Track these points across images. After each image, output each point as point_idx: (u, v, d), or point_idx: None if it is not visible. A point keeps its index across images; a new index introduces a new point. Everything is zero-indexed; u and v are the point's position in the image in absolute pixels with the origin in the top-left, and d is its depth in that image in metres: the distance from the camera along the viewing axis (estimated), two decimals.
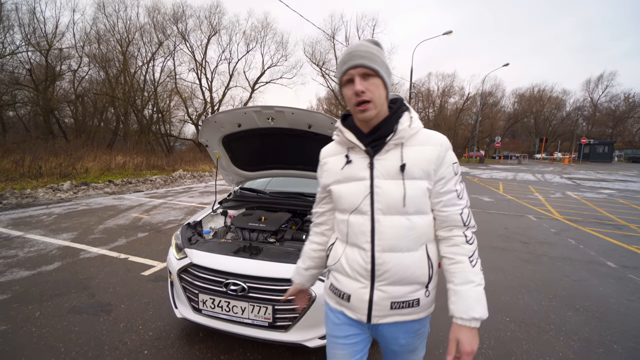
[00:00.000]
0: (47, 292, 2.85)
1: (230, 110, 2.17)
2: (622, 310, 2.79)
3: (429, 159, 0.93)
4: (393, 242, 0.94)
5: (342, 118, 1.06)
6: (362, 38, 31.43)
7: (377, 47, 0.92)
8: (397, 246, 0.94)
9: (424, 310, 1.00)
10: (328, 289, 1.12)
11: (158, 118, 23.65)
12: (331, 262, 1.09)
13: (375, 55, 0.89)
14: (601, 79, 44.99)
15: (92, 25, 20.82)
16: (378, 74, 0.89)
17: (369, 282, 0.97)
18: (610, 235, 5.25)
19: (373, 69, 0.88)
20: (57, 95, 19.58)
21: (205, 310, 1.87)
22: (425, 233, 0.96)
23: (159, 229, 5.05)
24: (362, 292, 0.99)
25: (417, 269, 0.95)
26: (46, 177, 9.70)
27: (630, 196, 9.89)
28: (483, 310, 0.89)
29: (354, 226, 0.98)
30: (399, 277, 0.95)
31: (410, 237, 0.95)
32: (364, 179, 0.96)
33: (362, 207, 0.96)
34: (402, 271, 0.95)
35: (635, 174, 18.52)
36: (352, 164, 0.99)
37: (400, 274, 0.95)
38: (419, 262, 0.96)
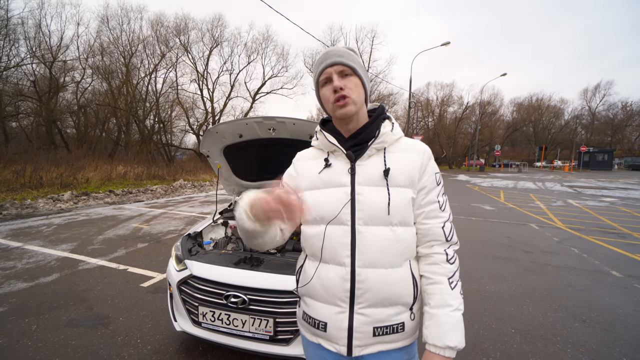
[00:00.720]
0: (45, 304, 2.81)
1: (232, 121, 2.18)
2: (629, 321, 2.73)
3: (412, 165, 0.88)
4: (375, 256, 0.85)
5: (321, 122, 0.99)
6: (361, 49, 32.00)
7: (352, 52, 0.90)
8: (379, 261, 0.85)
9: (410, 336, 0.90)
10: (301, 319, 0.99)
11: (159, 128, 23.83)
12: (301, 285, 0.96)
13: (352, 55, 0.89)
14: (598, 88, 45.52)
15: (96, 37, 21.24)
16: (356, 72, 0.88)
17: (347, 305, 0.86)
18: (614, 244, 5.20)
19: (351, 67, 0.87)
20: (60, 106, 19.80)
21: (205, 323, 1.83)
22: (409, 247, 0.88)
23: (158, 240, 5.01)
24: (339, 317, 0.87)
25: (401, 288, 0.86)
26: (47, 187, 9.70)
27: (632, 204, 9.85)
28: (459, 339, 0.81)
29: (332, 238, 0.87)
30: (382, 297, 0.85)
31: (394, 251, 0.86)
32: (343, 185, 0.88)
33: (342, 216, 0.86)
34: (385, 290, 0.85)
35: (636, 182, 18.49)
36: (332, 168, 0.91)
37: (382, 293, 0.85)
38: (403, 280, 0.86)
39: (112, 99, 20.90)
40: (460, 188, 14.49)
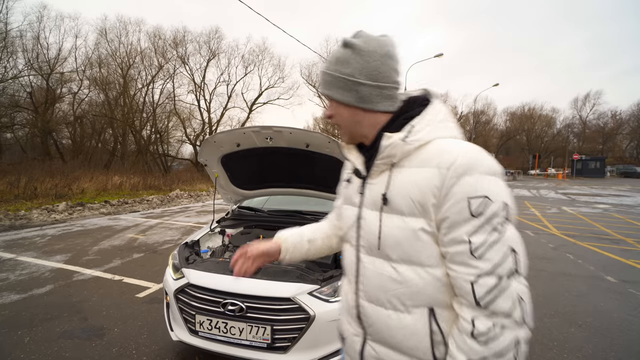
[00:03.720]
0: (38, 316, 2.77)
1: (230, 131, 2.23)
2: (624, 325, 2.76)
3: (423, 186, 0.66)
4: (374, 291, 0.74)
5: None
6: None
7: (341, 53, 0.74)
8: (378, 299, 0.73)
9: None
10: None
11: (156, 138, 23.84)
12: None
13: (332, 75, 0.74)
14: (588, 98, 46.58)
15: (94, 49, 21.45)
16: (330, 97, 0.76)
17: (361, 330, 0.79)
18: (608, 250, 5.26)
19: (327, 96, 0.77)
20: (56, 117, 19.79)
21: (202, 332, 1.82)
22: (425, 294, 0.68)
23: (154, 250, 4.97)
24: (354, 340, 0.80)
25: (411, 339, 0.69)
26: (41, 198, 9.60)
27: (625, 210, 9.98)
28: None
29: (347, 257, 0.84)
30: (386, 340, 0.73)
31: (395, 293, 0.70)
32: (354, 205, 0.80)
33: (349, 237, 0.82)
34: (388, 334, 0.72)
35: (628, 189, 18.76)
36: (351, 184, 0.84)
37: (386, 336, 0.73)
38: (414, 331, 0.69)
39: (108, 110, 20.95)
40: None
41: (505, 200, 0.62)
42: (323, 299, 1.76)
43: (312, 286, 1.77)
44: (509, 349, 0.59)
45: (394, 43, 0.75)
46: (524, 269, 0.62)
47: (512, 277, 0.60)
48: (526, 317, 0.60)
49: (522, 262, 0.62)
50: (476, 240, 0.61)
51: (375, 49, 0.72)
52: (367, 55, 0.71)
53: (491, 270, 0.60)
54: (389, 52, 0.73)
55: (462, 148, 0.66)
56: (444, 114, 0.72)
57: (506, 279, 0.60)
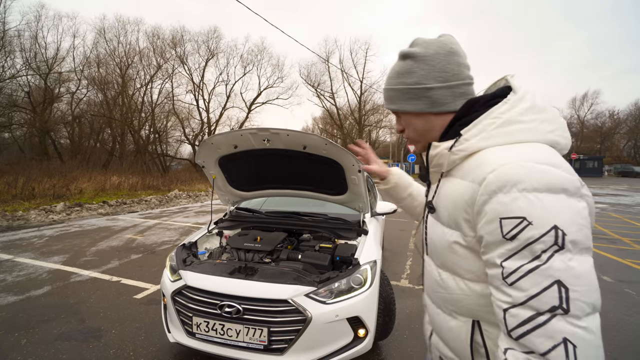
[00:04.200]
0: (35, 318, 2.77)
1: (227, 133, 2.23)
2: (620, 325, 2.77)
3: (458, 200, 0.63)
4: (429, 290, 0.78)
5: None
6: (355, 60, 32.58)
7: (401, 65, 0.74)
8: (431, 297, 0.77)
9: None
10: None
11: (155, 138, 23.81)
12: None
13: (394, 89, 0.75)
14: (586, 97, 46.72)
15: (93, 49, 21.40)
16: (399, 111, 0.77)
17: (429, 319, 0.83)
18: (605, 250, 5.28)
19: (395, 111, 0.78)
20: (54, 116, 19.74)
21: (199, 334, 1.83)
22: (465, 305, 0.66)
23: (153, 250, 4.97)
24: (427, 327, 0.86)
25: (455, 341, 0.70)
26: (39, 198, 9.58)
27: (622, 210, 10.02)
28: None
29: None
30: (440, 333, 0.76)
31: (440, 296, 0.72)
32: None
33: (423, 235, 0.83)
34: (439, 329, 0.75)
35: (626, 188, 18.84)
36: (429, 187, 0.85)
37: (439, 330, 0.76)
38: (457, 336, 0.69)
39: (107, 110, 20.91)
40: None
41: (556, 223, 0.51)
42: (320, 301, 1.76)
43: (309, 288, 1.78)
44: None
45: (454, 40, 0.73)
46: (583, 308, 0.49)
47: (557, 315, 0.50)
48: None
49: (577, 300, 0.49)
50: (509, 266, 0.54)
51: (437, 50, 0.70)
52: (430, 59, 0.70)
53: (524, 301, 0.52)
54: (452, 49, 0.70)
55: (505, 159, 0.57)
56: (513, 114, 0.62)
57: (546, 315, 0.50)
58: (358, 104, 32.52)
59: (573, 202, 0.53)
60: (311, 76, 31.27)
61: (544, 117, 0.63)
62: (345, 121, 34.49)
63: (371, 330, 1.88)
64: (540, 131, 0.62)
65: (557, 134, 0.62)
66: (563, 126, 0.65)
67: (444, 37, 0.73)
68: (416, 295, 3.34)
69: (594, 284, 0.51)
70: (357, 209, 2.68)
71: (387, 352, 2.32)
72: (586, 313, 0.49)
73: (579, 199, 0.54)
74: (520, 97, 0.64)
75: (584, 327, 0.49)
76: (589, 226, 0.54)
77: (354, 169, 2.26)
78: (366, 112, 33.34)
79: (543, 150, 0.59)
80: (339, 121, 33.27)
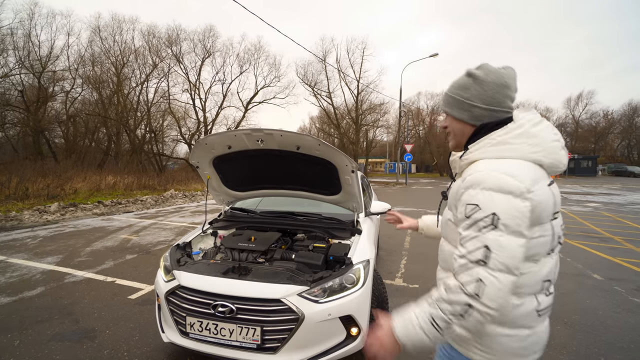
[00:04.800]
0: (29, 319, 2.76)
1: (221, 133, 2.23)
2: (608, 322, 2.83)
3: (455, 192, 0.91)
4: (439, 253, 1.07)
5: None
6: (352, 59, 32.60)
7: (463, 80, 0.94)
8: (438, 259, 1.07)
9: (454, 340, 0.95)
10: None
11: (150, 138, 23.66)
12: None
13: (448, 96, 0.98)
14: (581, 97, 47.17)
15: (87, 47, 21.19)
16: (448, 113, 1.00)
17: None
18: (597, 248, 5.36)
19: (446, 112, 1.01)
20: (49, 115, 19.54)
21: (192, 334, 1.84)
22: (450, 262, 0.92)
23: (148, 251, 4.96)
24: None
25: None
26: (33, 198, 9.49)
27: (614, 209, 10.16)
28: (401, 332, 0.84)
29: None
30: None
31: (440, 257, 1.04)
32: None
33: None
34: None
35: (619, 187, 19.08)
36: None
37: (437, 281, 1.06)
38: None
39: (102, 109, 20.73)
40: None
41: (495, 211, 0.78)
42: (312, 300, 1.78)
43: (302, 287, 1.80)
44: (458, 304, 0.79)
45: (513, 75, 0.92)
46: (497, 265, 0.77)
47: (476, 265, 0.78)
48: (482, 296, 0.77)
49: (495, 259, 0.77)
50: (464, 234, 0.83)
51: (494, 80, 0.89)
52: (485, 85, 0.90)
53: (464, 254, 0.81)
54: (506, 83, 0.90)
55: (481, 168, 0.85)
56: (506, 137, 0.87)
57: (473, 264, 0.79)
58: (355, 104, 32.54)
59: (515, 201, 0.78)
60: (308, 75, 31.24)
61: (531, 142, 0.86)
62: (342, 121, 34.50)
63: (364, 328, 1.91)
64: (523, 151, 0.85)
65: (540, 155, 0.85)
66: (549, 150, 0.86)
67: (505, 70, 0.92)
68: (410, 294, 3.37)
69: (514, 255, 0.77)
70: (351, 208, 2.70)
71: None
72: (499, 269, 0.77)
73: (522, 200, 0.78)
74: (517, 126, 0.87)
75: (495, 276, 0.76)
76: (525, 219, 0.78)
77: (347, 169, 2.29)
78: (363, 112, 33.36)
79: (513, 164, 0.83)
80: (336, 121, 33.27)
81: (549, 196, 0.85)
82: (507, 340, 0.88)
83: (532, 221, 0.81)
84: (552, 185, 0.87)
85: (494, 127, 0.90)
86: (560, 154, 0.88)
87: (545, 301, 0.91)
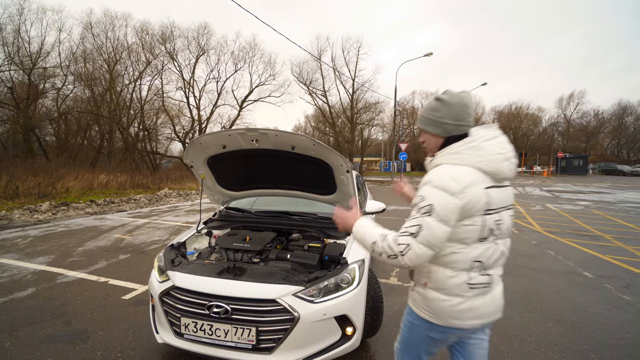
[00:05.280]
0: (19, 320, 2.71)
1: (215, 133, 2.22)
2: (598, 319, 2.88)
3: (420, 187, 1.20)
4: None
5: None
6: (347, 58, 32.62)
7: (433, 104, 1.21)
8: None
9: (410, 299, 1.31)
10: None
11: (144, 136, 23.37)
12: None
13: (423, 117, 1.24)
14: (572, 97, 47.81)
15: (79, 44, 20.79)
16: (424, 130, 1.25)
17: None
18: (587, 246, 5.46)
19: (422, 130, 1.26)
20: (39, 113, 19.16)
21: (187, 335, 1.83)
22: None
23: (141, 250, 4.91)
24: None
25: None
26: (23, 197, 9.32)
27: (604, 207, 10.35)
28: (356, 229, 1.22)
29: None
30: None
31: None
32: None
33: None
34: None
35: (609, 186, 19.43)
36: None
37: None
38: None
39: (94, 106, 20.41)
40: None
41: (433, 203, 1.06)
42: (308, 300, 1.78)
43: (297, 287, 1.80)
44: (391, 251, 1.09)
45: (469, 97, 1.19)
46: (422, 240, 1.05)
47: (410, 236, 1.07)
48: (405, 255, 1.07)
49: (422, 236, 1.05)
50: (411, 214, 1.12)
51: (457, 102, 1.16)
52: (451, 106, 1.16)
53: (406, 227, 1.10)
54: (466, 103, 1.17)
55: (437, 170, 1.13)
56: (460, 149, 1.13)
57: (408, 234, 1.08)
58: (350, 102, 32.51)
59: (449, 198, 1.05)
60: (303, 74, 31.09)
61: (478, 153, 1.11)
62: (338, 119, 34.46)
63: (359, 328, 1.92)
64: (471, 160, 1.10)
65: (482, 164, 1.10)
66: (492, 160, 1.10)
67: (464, 94, 1.19)
68: (405, 293, 3.40)
69: (436, 236, 1.05)
70: (347, 208, 2.71)
71: (375, 349, 2.37)
72: (422, 243, 1.05)
73: (454, 198, 1.05)
74: (470, 140, 1.13)
75: (418, 247, 1.05)
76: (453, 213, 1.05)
77: (342, 169, 2.29)
78: (358, 111, 33.34)
79: (458, 170, 1.09)
80: (331, 119, 33.22)
81: (480, 197, 1.07)
82: (443, 304, 1.15)
83: (462, 215, 1.06)
84: (490, 189, 1.09)
85: (457, 139, 1.15)
86: (502, 165, 1.11)
87: (479, 279, 1.14)
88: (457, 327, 1.17)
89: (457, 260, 1.11)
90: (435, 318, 1.18)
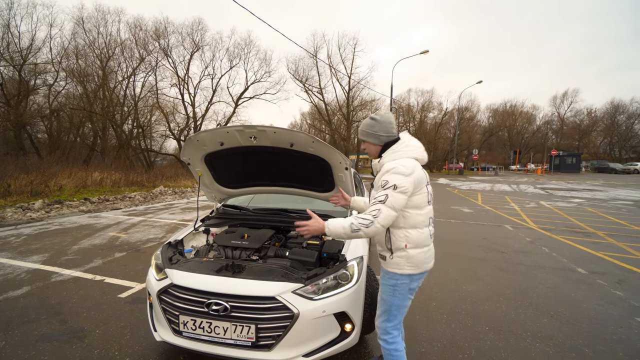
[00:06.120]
0: (14, 319, 2.68)
1: (213, 130, 2.20)
2: (592, 315, 2.93)
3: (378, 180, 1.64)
4: None
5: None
6: (343, 55, 32.51)
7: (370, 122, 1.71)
8: None
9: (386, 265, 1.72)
10: None
11: (138, 133, 23.12)
12: None
13: (364, 131, 1.74)
14: (566, 96, 48.39)
15: (71, 40, 20.44)
16: (365, 141, 1.77)
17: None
18: (580, 243, 5.54)
19: (364, 140, 1.77)
20: (30, 110, 18.83)
21: (186, 332, 1.82)
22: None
23: (137, 248, 4.87)
24: None
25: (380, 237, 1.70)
26: (15, 195, 9.18)
27: (597, 204, 10.50)
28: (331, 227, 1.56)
29: None
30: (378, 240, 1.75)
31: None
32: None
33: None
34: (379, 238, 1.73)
35: (601, 184, 19.72)
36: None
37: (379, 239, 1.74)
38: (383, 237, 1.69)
39: (87, 103, 20.11)
40: (440, 191, 14.93)
41: (395, 183, 1.52)
42: (307, 297, 1.79)
43: (296, 285, 1.80)
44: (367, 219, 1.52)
45: (392, 116, 1.76)
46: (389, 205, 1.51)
47: (380, 203, 1.52)
48: (378, 217, 1.51)
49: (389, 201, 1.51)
50: (376, 193, 1.59)
51: (385, 120, 1.70)
52: (382, 123, 1.70)
53: (376, 197, 1.56)
54: (391, 120, 1.73)
55: (391, 164, 1.59)
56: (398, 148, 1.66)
57: (378, 202, 1.53)
58: (346, 100, 32.50)
59: (405, 179, 1.54)
60: (299, 71, 31.00)
61: (410, 149, 1.66)
62: (334, 117, 34.45)
63: (357, 324, 1.93)
64: (407, 154, 1.64)
65: (415, 155, 1.65)
66: (419, 152, 1.67)
67: (389, 113, 1.76)
68: None
69: (399, 202, 1.53)
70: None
71: (374, 345, 2.38)
72: (389, 207, 1.52)
73: (408, 177, 1.54)
74: (403, 141, 1.68)
75: (387, 210, 1.52)
76: (409, 187, 1.54)
77: (341, 167, 2.29)
78: (354, 108, 33.36)
79: (404, 161, 1.59)
80: (327, 117, 33.19)
81: (422, 175, 1.62)
82: (420, 255, 1.64)
83: (414, 187, 1.57)
84: (423, 170, 1.65)
85: (391, 144, 1.68)
86: (424, 154, 1.68)
87: (432, 230, 1.71)
88: (427, 270, 1.68)
89: (420, 221, 1.62)
90: (416, 268, 1.63)
